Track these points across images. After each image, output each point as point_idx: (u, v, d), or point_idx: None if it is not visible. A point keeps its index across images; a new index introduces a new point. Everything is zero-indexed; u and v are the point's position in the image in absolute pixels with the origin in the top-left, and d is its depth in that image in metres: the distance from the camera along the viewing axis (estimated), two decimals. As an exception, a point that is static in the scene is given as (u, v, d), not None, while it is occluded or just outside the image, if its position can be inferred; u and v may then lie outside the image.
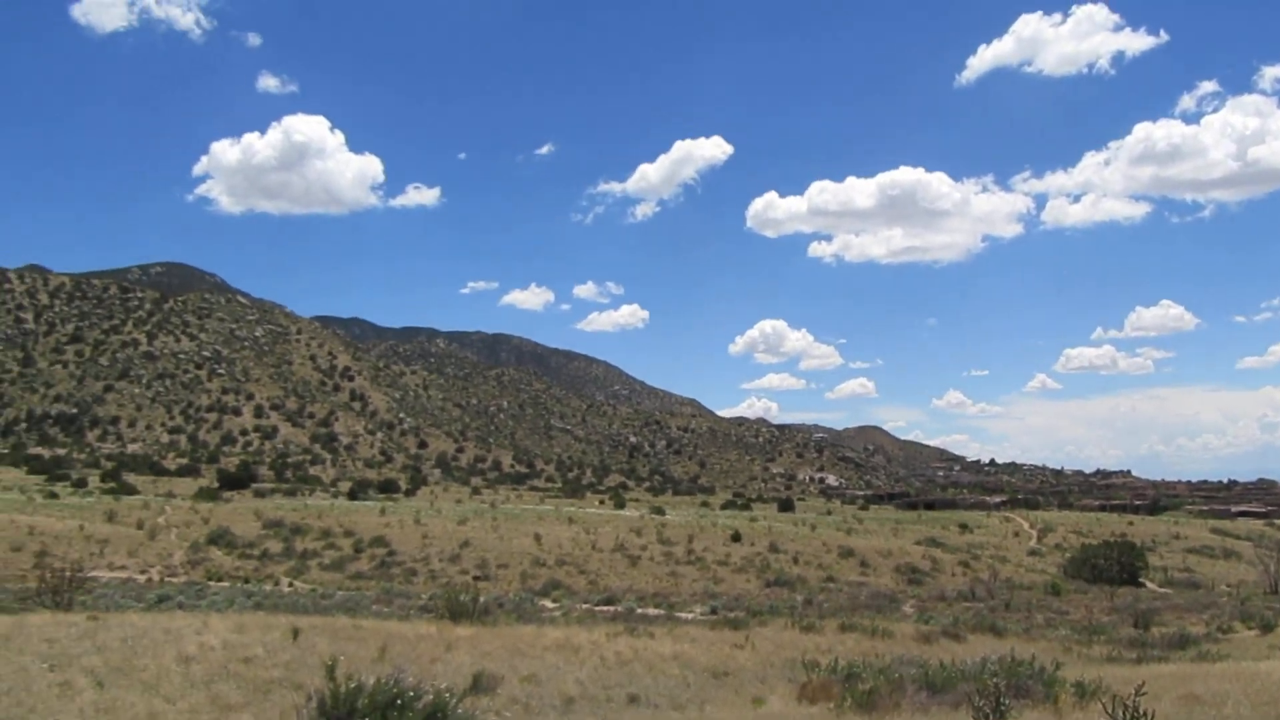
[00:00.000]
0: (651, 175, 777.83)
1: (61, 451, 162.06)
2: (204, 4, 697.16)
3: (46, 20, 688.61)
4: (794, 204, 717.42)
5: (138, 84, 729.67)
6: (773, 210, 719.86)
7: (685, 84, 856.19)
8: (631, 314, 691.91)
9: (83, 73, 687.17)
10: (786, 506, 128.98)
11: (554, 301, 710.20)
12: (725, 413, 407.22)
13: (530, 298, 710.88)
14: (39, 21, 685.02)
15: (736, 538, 60.84)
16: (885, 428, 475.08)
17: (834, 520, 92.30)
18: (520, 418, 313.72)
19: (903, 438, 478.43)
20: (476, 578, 44.29)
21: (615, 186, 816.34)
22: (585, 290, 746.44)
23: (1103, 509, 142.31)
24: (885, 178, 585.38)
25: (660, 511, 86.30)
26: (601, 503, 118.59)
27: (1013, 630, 27.70)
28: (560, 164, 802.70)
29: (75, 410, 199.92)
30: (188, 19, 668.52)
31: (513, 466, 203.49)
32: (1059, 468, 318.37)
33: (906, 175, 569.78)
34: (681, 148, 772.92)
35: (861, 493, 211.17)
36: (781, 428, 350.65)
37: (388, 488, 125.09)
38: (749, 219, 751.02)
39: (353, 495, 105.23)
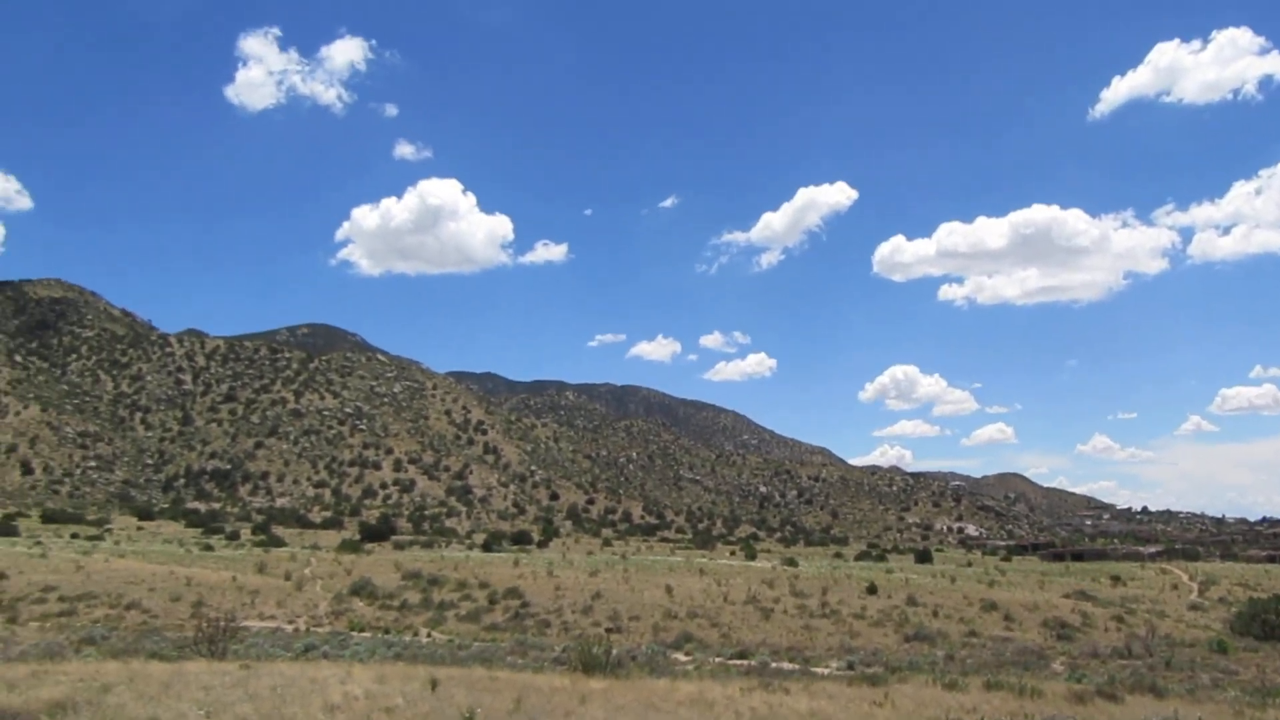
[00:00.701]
0: (775, 223, 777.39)
1: (216, 505, 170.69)
2: (345, 79, 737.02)
3: (204, 101, 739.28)
4: (922, 247, 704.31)
5: (285, 156, 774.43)
6: (900, 254, 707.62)
7: (807, 131, 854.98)
8: (759, 363, 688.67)
9: (236, 148, 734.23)
10: (924, 558, 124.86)
11: (681, 352, 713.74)
12: (857, 461, 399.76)
13: (657, 349, 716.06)
14: (198, 102, 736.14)
15: (872, 590, 59.10)
16: (1027, 475, 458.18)
17: (975, 572, 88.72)
18: (650, 469, 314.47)
19: (1046, 485, 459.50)
20: (609, 630, 44.25)
21: (739, 236, 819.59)
22: (712, 340, 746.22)
23: (1271, 560, 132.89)
24: (1018, 216, 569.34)
25: (793, 563, 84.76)
26: (733, 554, 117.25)
27: (1175, 691, 25.92)
28: (684, 215, 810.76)
29: (229, 466, 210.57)
30: (330, 94, 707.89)
31: (643, 517, 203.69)
32: (1219, 515, 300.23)
33: (1040, 213, 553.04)
34: (805, 194, 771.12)
35: (1003, 543, 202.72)
36: (916, 476, 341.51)
37: (521, 539, 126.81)
38: (876, 263, 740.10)
39: (487, 547, 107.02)
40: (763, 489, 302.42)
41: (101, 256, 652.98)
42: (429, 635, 41.67)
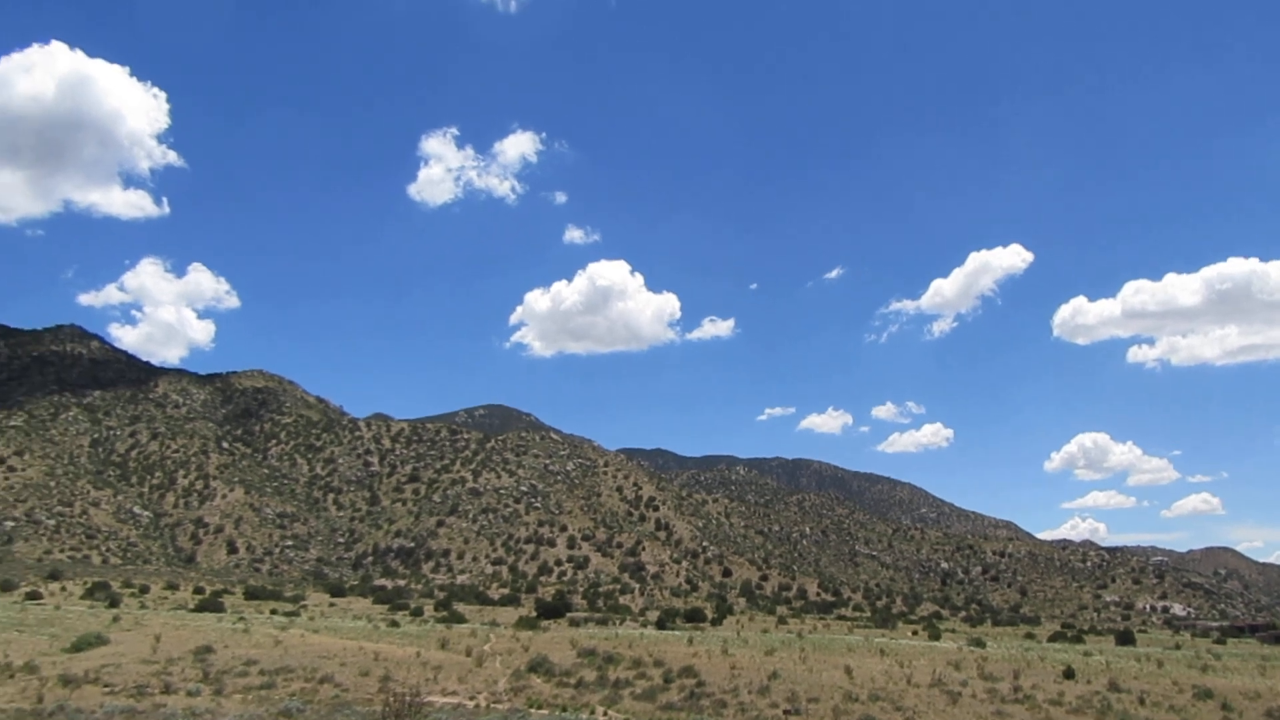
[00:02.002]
0: (946, 290, 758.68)
1: (401, 582, 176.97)
2: (517, 171, 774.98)
3: (390, 199, 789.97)
4: (1106, 307, 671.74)
5: (462, 247, 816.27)
6: (1082, 316, 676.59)
7: (978, 194, 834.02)
8: (934, 433, 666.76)
9: (418, 242, 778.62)
10: (1125, 639, 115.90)
11: (852, 424, 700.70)
12: (1045, 535, 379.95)
13: (828, 421, 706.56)
14: (384, 201, 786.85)
15: (1069, 674, 55.22)
16: (1239, 549, 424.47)
17: (1185, 655, 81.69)
18: (824, 544, 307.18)
19: (1262, 560, 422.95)
20: (787, 711, 42.96)
21: (908, 304, 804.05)
22: (884, 411, 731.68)
23: None
24: (1212, 271, 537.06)
25: (980, 643, 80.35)
26: (914, 633, 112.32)
27: None
28: (850, 286, 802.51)
29: (413, 544, 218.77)
30: (504, 186, 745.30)
31: (818, 594, 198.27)
32: None
33: (1238, 267, 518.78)
34: (977, 259, 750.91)
35: (1215, 624, 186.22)
36: (1112, 550, 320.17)
37: (694, 616, 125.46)
38: (1056, 327, 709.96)
39: (661, 624, 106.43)
40: (944, 565, 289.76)
41: (298, 347, 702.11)
42: (605, 714, 41.52)
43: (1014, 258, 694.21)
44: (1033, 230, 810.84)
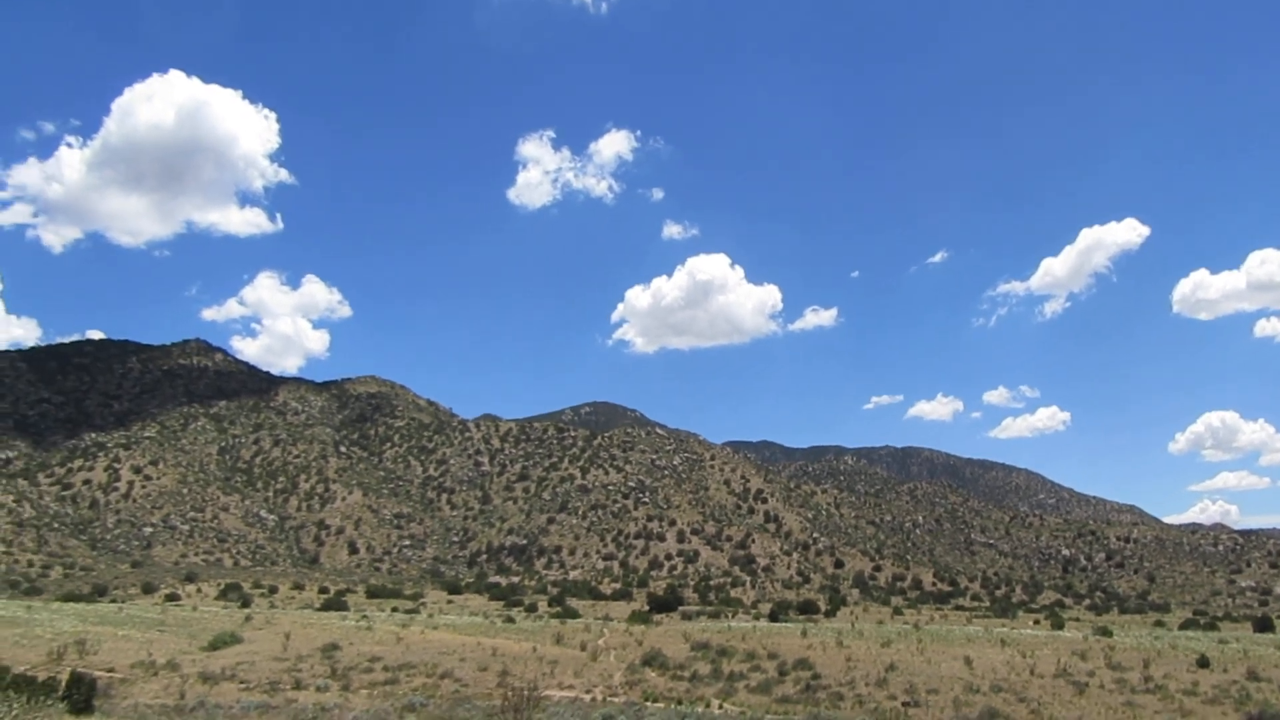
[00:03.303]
0: (1057, 269, 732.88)
1: (515, 579, 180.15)
2: (613, 170, 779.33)
3: (490, 205, 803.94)
4: (1230, 280, 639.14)
5: (562, 248, 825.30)
6: (1204, 290, 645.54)
7: (1087, 168, 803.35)
8: (1050, 417, 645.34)
9: (518, 245, 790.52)
10: (1264, 626, 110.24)
11: (963, 410, 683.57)
12: (1172, 519, 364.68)
13: (938, 408, 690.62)
14: (484, 206, 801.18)
15: (1203, 663, 52.86)
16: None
17: (1332, 642, 77.35)
18: (938, 533, 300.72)
19: None
20: (905, 704, 42.26)
21: (1017, 286, 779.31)
22: (996, 396, 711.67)
23: None
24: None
25: (1106, 632, 77.58)
26: (1036, 623, 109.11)
27: None
28: (956, 269, 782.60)
29: (525, 541, 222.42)
30: (601, 186, 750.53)
31: (934, 585, 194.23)
32: None
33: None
34: (1089, 236, 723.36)
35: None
36: (1246, 534, 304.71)
37: (807, 609, 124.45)
38: (1176, 302, 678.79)
39: (773, 617, 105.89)
40: (1065, 552, 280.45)
41: (408, 353, 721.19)
42: (720, 707, 41.53)
43: (1129, 233, 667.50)
44: (1148, 203, 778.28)
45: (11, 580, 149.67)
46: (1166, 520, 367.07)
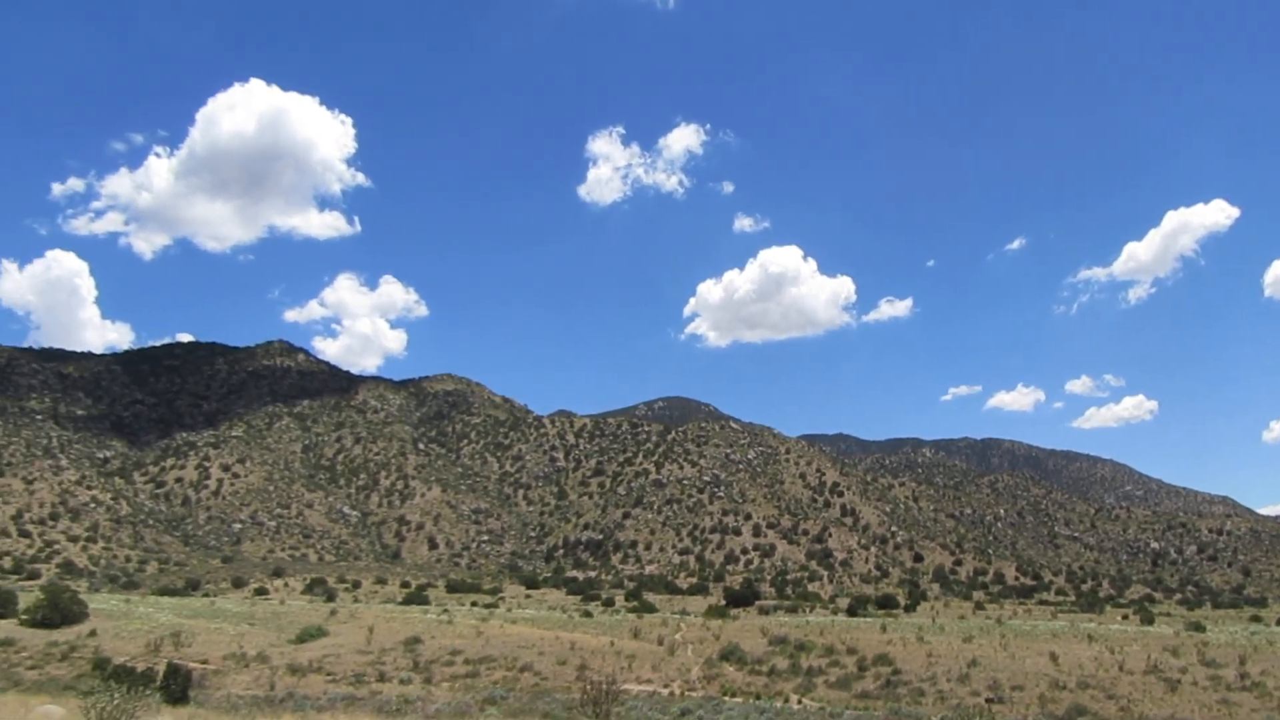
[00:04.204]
0: (1141, 254, 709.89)
1: (592, 573, 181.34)
2: (683, 165, 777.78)
3: (561, 202, 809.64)
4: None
5: (633, 243, 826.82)
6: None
7: (1170, 147, 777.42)
8: (1136, 406, 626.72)
9: (590, 241, 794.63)
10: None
11: (1045, 400, 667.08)
12: (1268, 510, 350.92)
13: (1018, 398, 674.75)
14: (555, 204, 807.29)
15: (1305, 659, 50.92)
16: None
17: None
18: (1020, 526, 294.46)
19: None
20: (989, 700, 41.55)
21: (1099, 272, 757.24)
22: (1079, 385, 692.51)
23: None
24: None
25: (1199, 627, 75.10)
26: (1124, 618, 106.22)
27: None
28: (1035, 256, 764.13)
29: (601, 536, 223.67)
30: (671, 181, 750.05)
31: (1017, 579, 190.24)
32: None
33: None
34: (1174, 219, 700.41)
35: None
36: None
37: (886, 603, 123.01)
38: (1268, 286, 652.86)
39: (852, 611, 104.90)
40: (1155, 545, 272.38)
41: (483, 350, 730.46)
42: (799, 702, 41.35)
43: (1217, 214, 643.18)
44: (1237, 183, 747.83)
45: (111, 575, 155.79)
46: (1262, 511, 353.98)
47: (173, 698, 30.80)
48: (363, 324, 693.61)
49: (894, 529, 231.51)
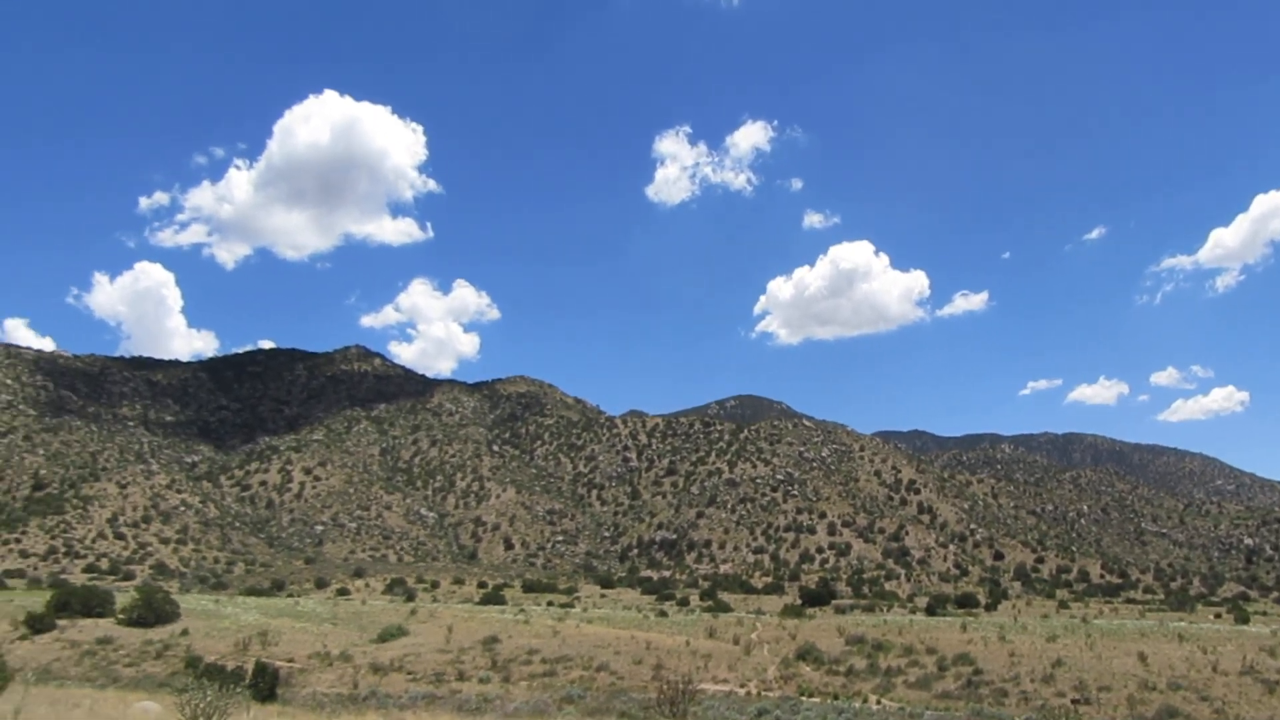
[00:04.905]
0: (1228, 240, 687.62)
1: (666, 573, 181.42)
2: (751, 162, 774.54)
3: (629, 203, 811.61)
4: None
5: (702, 242, 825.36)
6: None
7: (1256, 128, 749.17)
8: (1226, 397, 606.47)
9: (659, 241, 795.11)
10: None
11: (1129, 393, 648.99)
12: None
13: (1100, 392, 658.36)
14: (624, 204, 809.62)
15: None
16: None
17: None
18: (1104, 522, 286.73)
19: None
20: (1075, 701, 40.59)
21: (1184, 260, 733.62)
22: (1164, 377, 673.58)
23: None
24: None
25: (1298, 627, 72.36)
26: (1218, 617, 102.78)
27: None
28: (1115, 245, 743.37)
29: (675, 535, 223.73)
30: (739, 179, 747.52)
31: (1102, 577, 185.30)
32: None
33: None
34: (1264, 202, 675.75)
35: None
36: None
37: (966, 602, 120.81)
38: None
39: (930, 610, 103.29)
40: (1249, 541, 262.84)
41: (555, 352, 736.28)
42: (878, 702, 40.90)
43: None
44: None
45: (201, 575, 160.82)
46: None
47: (261, 695, 31.67)
48: (436, 328, 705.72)
49: (973, 526, 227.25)
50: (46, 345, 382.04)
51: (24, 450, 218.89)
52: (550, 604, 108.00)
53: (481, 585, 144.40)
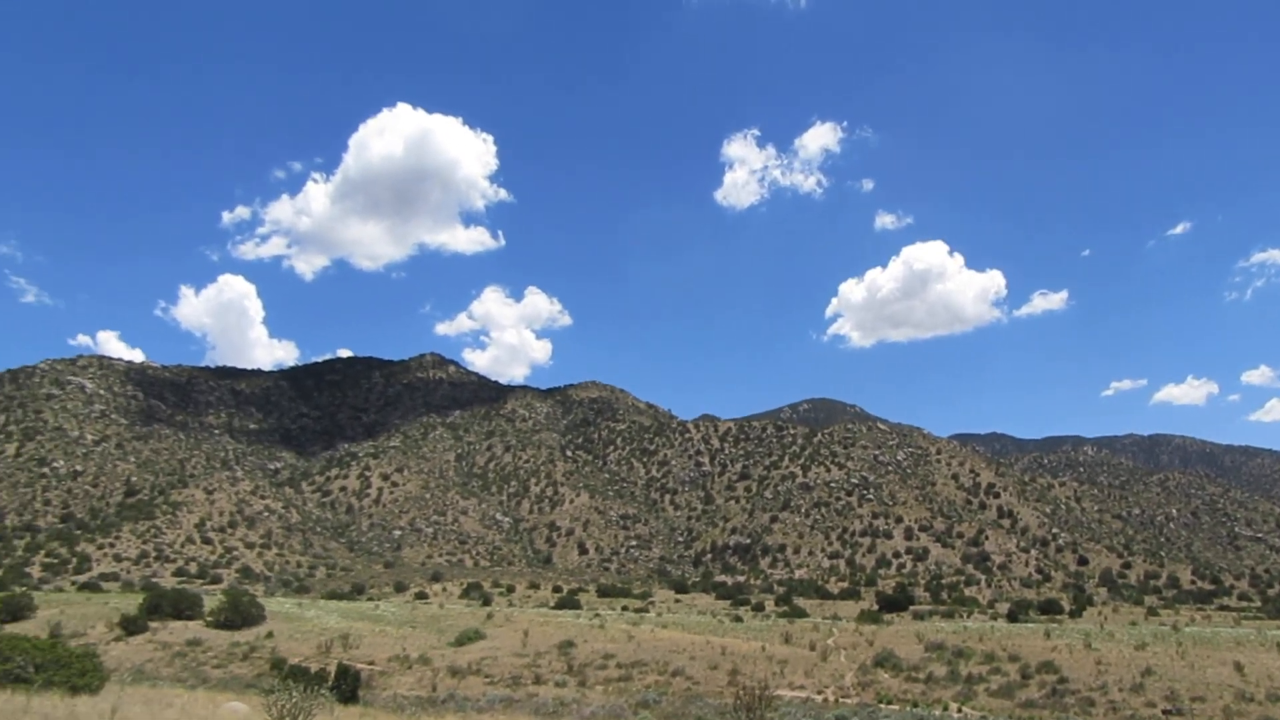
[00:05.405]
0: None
1: (740, 578, 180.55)
2: (820, 164, 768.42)
3: (698, 208, 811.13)
4: None
5: (772, 246, 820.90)
6: None
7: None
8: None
9: (728, 246, 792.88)
10: None
11: (1219, 393, 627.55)
12: None
13: (1188, 392, 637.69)
14: (693, 209, 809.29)
15: None
16: None
17: None
18: (1195, 526, 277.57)
19: None
20: (1166, 711, 39.26)
21: (1275, 254, 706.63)
22: (1257, 376, 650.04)
23: None
24: None
25: (1407, 636, 69.02)
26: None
27: None
28: (1201, 240, 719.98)
29: (749, 540, 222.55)
30: (809, 182, 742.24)
31: (1193, 583, 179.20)
32: None
33: None
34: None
35: None
36: None
37: (1049, 608, 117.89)
38: None
39: (1012, 617, 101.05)
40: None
41: (626, 357, 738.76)
42: (959, 710, 40.11)
43: None
44: None
45: (284, 579, 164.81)
46: None
47: (344, 697, 32.27)
48: (509, 335, 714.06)
49: (1055, 531, 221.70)
50: (137, 356, 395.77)
51: (117, 458, 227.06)
52: (625, 609, 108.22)
53: (556, 590, 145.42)
